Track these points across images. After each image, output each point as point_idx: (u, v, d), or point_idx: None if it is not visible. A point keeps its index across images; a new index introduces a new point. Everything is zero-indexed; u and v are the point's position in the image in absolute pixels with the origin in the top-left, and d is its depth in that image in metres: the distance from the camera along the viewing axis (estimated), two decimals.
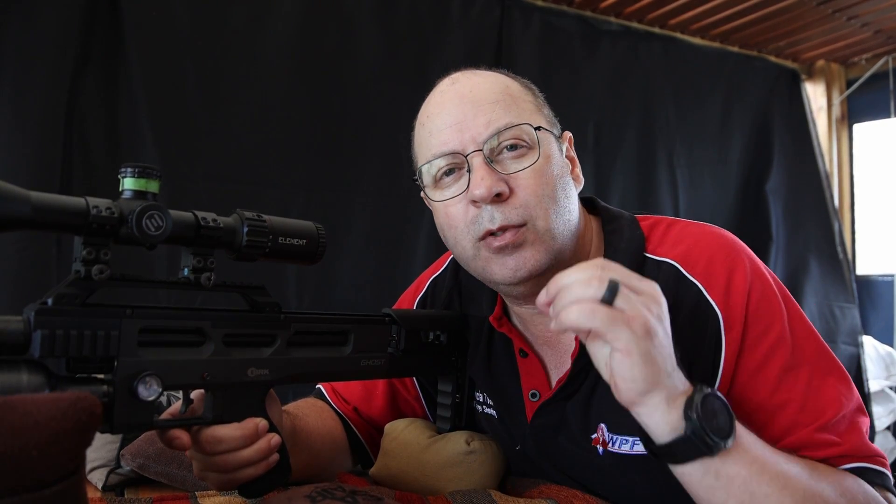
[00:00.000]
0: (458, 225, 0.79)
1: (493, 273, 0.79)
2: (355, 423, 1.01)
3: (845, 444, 0.72)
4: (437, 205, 0.82)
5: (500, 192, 0.76)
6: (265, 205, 1.94)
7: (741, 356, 0.75)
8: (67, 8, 1.74)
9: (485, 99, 0.79)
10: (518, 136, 0.78)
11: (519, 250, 0.77)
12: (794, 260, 3.04)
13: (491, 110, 0.78)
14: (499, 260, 0.78)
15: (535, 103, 0.83)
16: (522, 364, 0.88)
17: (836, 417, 0.72)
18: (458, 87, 0.81)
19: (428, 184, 0.83)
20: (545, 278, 0.79)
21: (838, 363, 0.77)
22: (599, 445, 0.81)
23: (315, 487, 0.70)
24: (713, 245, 0.80)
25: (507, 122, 0.78)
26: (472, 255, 0.80)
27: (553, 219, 0.77)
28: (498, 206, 0.76)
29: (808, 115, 3.22)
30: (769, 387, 0.74)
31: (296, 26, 2.06)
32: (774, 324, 0.75)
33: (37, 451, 0.44)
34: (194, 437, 0.68)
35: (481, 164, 0.77)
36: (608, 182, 2.64)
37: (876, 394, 2.87)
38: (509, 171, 0.77)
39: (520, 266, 0.77)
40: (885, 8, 2.71)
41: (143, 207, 0.60)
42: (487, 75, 0.83)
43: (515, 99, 0.80)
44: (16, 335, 0.55)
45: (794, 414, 0.73)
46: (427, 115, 0.83)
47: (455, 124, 0.79)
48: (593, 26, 2.67)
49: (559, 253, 0.78)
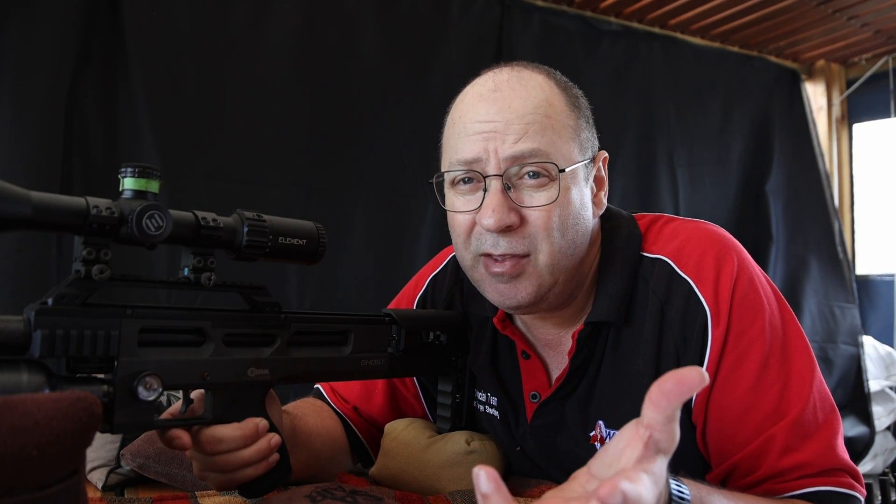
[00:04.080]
0: (462, 235, 0.80)
1: (484, 291, 0.81)
2: (355, 423, 1.01)
3: (810, 459, 0.71)
4: (449, 209, 0.83)
5: (510, 224, 0.75)
6: (266, 204, 1.94)
7: (724, 351, 0.75)
8: (67, 8, 1.74)
9: (520, 113, 0.76)
10: (542, 167, 0.76)
11: (514, 281, 0.77)
12: (793, 260, 3.04)
13: (524, 130, 0.75)
14: (492, 283, 0.79)
15: (574, 128, 0.79)
16: (524, 365, 0.89)
17: (803, 417, 0.72)
18: (498, 95, 0.78)
19: (446, 183, 0.83)
20: (539, 306, 0.80)
21: (817, 366, 0.77)
22: (598, 442, 0.82)
23: (315, 487, 0.70)
24: (704, 241, 0.80)
25: (534, 150, 0.75)
26: (471, 265, 0.81)
27: (556, 255, 0.77)
28: (504, 235, 0.76)
29: (808, 115, 3.22)
30: (746, 384, 0.74)
31: (296, 26, 2.06)
32: (756, 320, 0.76)
33: (37, 450, 0.44)
34: (194, 436, 0.68)
35: (497, 191, 0.75)
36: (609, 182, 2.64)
37: (876, 394, 2.86)
38: (524, 203, 0.76)
39: (510, 297, 0.78)
40: (885, 8, 2.71)
41: (143, 207, 0.60)
42: (532, 84, 0.78)
43: (553, 121, 0.77)
44: (16, 335, 0.55)
45: (767, 412, 0.73)
46: (460, 113, 0.81)
47: (484, 132, 0.76)
48: (593, 26, 2.67)
49: (553, 286, 0.79)
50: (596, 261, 0.85)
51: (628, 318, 0.81)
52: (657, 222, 0.86)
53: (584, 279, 0.84)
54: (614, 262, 0.83)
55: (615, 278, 0.82)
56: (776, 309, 0.78)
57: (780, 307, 0.79)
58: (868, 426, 2.78)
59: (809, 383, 0.75)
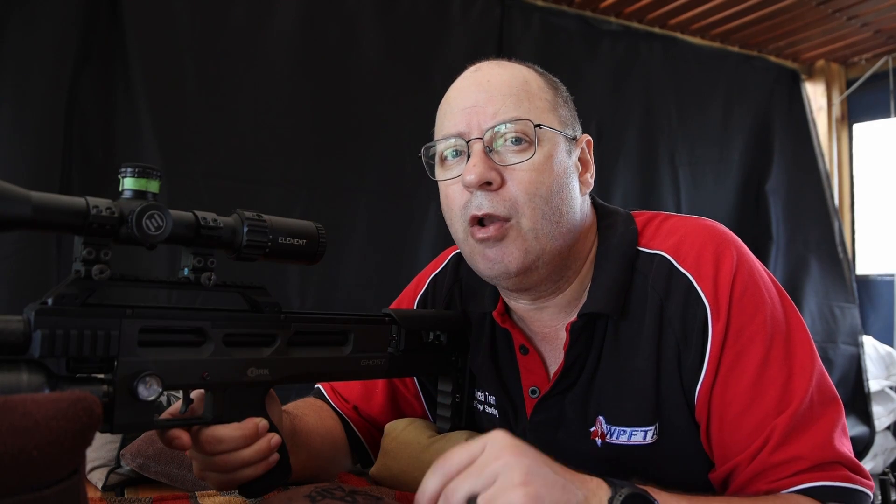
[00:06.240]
0: (454, 207, 0.82)
1: (476, 262, 0.82)
2: (355, 423, 1.01)
3: (803, 453, 0.71)
4: (440, 184, 0.85)
5: (489, 180, 0.77)
6: (267, 204, 1.94)
7: (725, 347, 0.75)
8: (67, 7, 1.74)
9: (500, 90, 0.80)
10: (522, 131, 0.79)
11: (500, 244, 0.78)
12: (794, 259, 3.04)
13: (502, 101, 0.79)
14: (481, 251, 0.80)
15: (551, 102, 0.83)
16: (522, 361, 0.89)
17: (799, 410, 0.72)
18: (479, 76, 0.83)
19: (436, 162, 0.85)
20: (530, 277, 0.80)
21: (818, 359, 0.77)
22: (598, 438, 0.82)
23: (315, 487, 0.71)
24: (704, 236, 0.80)
25: (514, 116, 0.79)
26: (463, 238, 0.83)
27: (539, 220, 0.78)
28: (487, 194, 0.78)
29: (808, 115, 3.22)
30: (748, 379, 0.74)
31: (296, 25, 2.06)
32: (757, 315, 0.75)
33: (37, 450, 0.44)
34: (194, 436, 0.68)
35: (479, 150, 0.79)
36: (610, 181, 2.65)
37: (876, 393, 2.87)
38: (506, 163, 0.78)
39: (498, 260, 0.79)
40: (885, 8, 2.71)
41: (143, 207, 0.60)
42: (511, 67, 0.84)
43: (530, 95, 0.81)
44: (16, 335, 0.55)
45: (769, 407, 0.73)
46: (447, 97, 0.86)
47: (467, 108, 0.81)
48: (593, 26, 2.67)
49: (540, 255, 0.79)
50: (592, 254, 0.86)
51: (626, 313, 0.81)
52: (655, 219, 0.87)
53: (578, 266, 0.85)
54: (609, 256, 0.83)
55: (609, 271, 0.82)
56: (777, 302, 0.78)
57: (781, 300, 0.79)
58: (868, 426, 2.78)
59: (809, 376, 0.74)
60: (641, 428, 0.79)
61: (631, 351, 0.80)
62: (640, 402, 0.79)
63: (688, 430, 0.79)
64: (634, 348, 0.80)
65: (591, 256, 0.86)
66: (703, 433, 0.78)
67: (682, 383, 0.78)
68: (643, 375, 0.79)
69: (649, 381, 0.79)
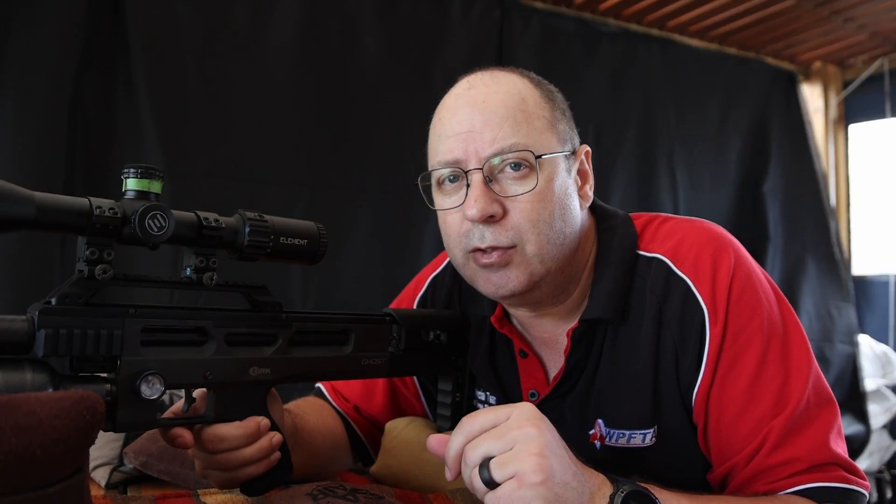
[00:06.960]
0: (452, 234, 0.81)
1: (478, 285, 0.82)
2: (356, 422, 1.01)
3: (800, 455, 0.71)
4: (438, 211, 0.84)
5: (492, 214, 0.76)
6: (268, 204, 1.94)
7: (722, 350, 0.76)
8: (70, 9, 1.74)
9: (496, 112, 0.77)
10: (522, 158, 0.77)
11: (504, 269, 0.78)
12: (791, 260, 3.05)
13: (499, 126, 0.77)
14: (483, 275, 0.79)
15: (549, 119, 0.80)
16: (522, 364, 0.89)
17: (795, 412, 0.72)
18: (473, 94, 0.80)
19: (433, 185, 0.84)
20: (533, 294, 0.81)
21: (814, 361, 0.77)
22: (597, 441, 0.82)
23: (316, 486, 0.71)
24: (701, 239, 0.80)
25: (512, 144, 0.76)
26: (462, 263, 0.82)
27: (544, 244, 0.77)
28: (489, 227, 0.77)
29: (804, 116, 3.23)
30: (744, 382, 0.74)
31: (298, 26, 2.06)
32: (754, 318, 0.76)
33: (41, 449, 0.45)
34: (196, 435, 0.69)
35: (478, 182, 0.77)
36: (609, 183, 2.65)
37: (872, 393, 2.88)
38: (507, 194, 0.77)
39: (502, 284, 0.78)
40: (881, 10, 2.72)
41: (145, 208, 0.60)
42: (506, 83, 0.80)
43: (528, 115, 0.78)
44: (20, 334, 0.56)
45: (766, 410, 0.73)
46: (440, 117, 0.83)
47: (462, 133, 0.78)
48: (592, 28, 2.68)
49: (545, 275, 0.79)
50: (591, 259, 0.86)
51: (626, 317, 0.81)
52: (654, 221, 0.87)
53: (579, 275, 0.85)
54: (609, 261, 0.83)
55: (610, 276, 0.82)
56: (774, 305, 0.78)
57: (778, 302, 0.79)
58: (864, 424, 2.79)
59: (805, 378, 0.75)
60: (640, 431, 0.80)
61: (630, 354, 0.81)
62: (638, 405, 0.80)
63: (686, 432, 0.79)
64: (633, 352, 0.80)
65: (590, 261, 0.86)
66: (700, 435, 0.79)
67: (680, 386, 0.78)
68: (642, 378, 0.79)
69: (648, 384, 0.79)
